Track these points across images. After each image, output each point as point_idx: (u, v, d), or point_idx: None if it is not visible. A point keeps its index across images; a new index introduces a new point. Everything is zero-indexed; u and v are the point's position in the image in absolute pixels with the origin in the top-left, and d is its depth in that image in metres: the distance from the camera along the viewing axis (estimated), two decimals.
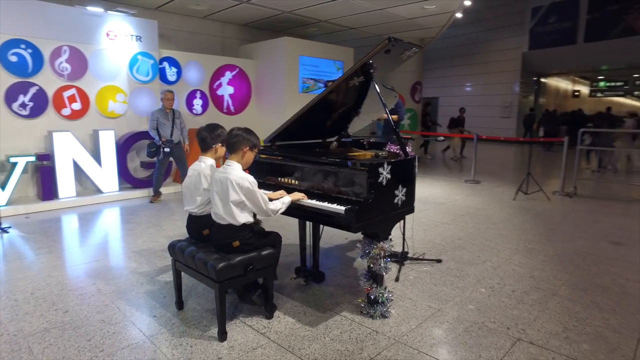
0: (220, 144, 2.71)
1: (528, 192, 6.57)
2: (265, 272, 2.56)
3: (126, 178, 6.42)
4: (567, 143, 6.82)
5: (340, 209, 2.42)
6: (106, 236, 4.47)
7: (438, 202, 6.15)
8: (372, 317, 2.68)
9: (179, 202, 5.98)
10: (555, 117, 16.27)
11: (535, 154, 10.44)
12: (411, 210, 2.83)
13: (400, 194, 2.66)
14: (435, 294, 3.05)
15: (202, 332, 2.49)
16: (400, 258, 3.64)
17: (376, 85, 2.97)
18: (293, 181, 2.91)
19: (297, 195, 2.59)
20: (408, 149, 2.90)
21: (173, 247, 2.65)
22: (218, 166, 2.76)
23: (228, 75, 8.32)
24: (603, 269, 3.58)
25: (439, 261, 3.72)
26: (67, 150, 5.74)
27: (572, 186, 6.76)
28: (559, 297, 3.01)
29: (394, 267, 3.45)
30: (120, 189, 6.29)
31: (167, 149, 5.75)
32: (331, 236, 4.33)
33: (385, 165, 2.50)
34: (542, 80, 21.15)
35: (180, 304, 2.75)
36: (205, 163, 2.67)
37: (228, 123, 8.07)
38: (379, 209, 2.51)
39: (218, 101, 8.21)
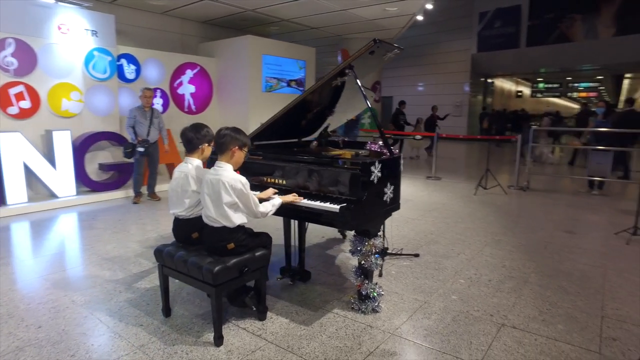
0: (206, 144, 2.64)
1: (487, 187, 6.94)
2: (258, 273, 2.53)
3: (84, 181, 6.05)
4: (520, 141, 7.27)
5: (335, 207, 2.45)
6: (70, 244, 4.20)
7: (407, 198, 6.35)
8: (364, 312, 2.73)
9: (145, 206, 5.73)
10: (505, 115, 17.25)
11: (488, 150, 11.08)
12: (397, 207, 2.91)
13: (388, 191, 2.73)
14: (419, 287, 3.16)
15: (196, 338, 2.42)
16: (381, 254, 3.73)
17: (361, 86, 3.02)
18: (280, 181, 2.90)
19: (289, 198, 2.58)
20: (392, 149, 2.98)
21: (160, 252, 2.56)
22: (204, 167, 2.70)
23: (189, 73, 8.07)
24: (563, 256, 3.87)
25: (416, 255, 3.85)
26: (16, 152, 5.32)
27: (525, 180, 7.22)
28: (531, 284, 3.23)
29: None
30: (78, 193, 5.92)
31: (141, 149, 5.51)
32: (308, 234, 4.34)
33: (377, 164, 2.56)
34: (489, 80, 22.36)
35: (167, 311, 2.66)
36: (191, 164, 2.59)
37: (189, 123, 7.88)
38: (371, 207, 2.56)
39: (179, 100, 7.95)
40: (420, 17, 8.31)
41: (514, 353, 2.30)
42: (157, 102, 7.51)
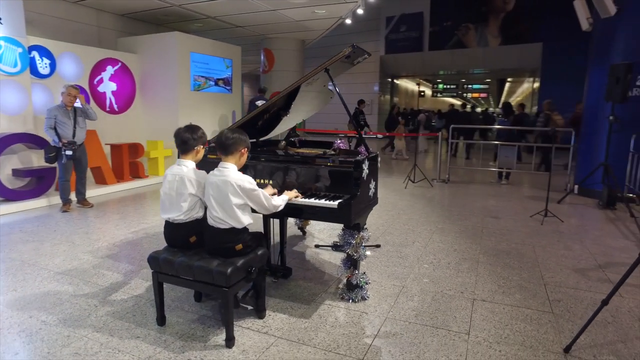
0: (201, 146, 2.60)
1: (415, 181, 7.59)
2: (260, 272, 2.57)
3: None
4: (441, 137, 8.07)
5: (333, 204, 2.60)
6: (7, 261, 3.70)
7: None
8: (354, 301, 2.92)
9: (78, 214, 5.22)
10: (415, 114, 18.68)
11: (416, 146, 11.94)
12: (377, 201, 3.15)
13: (372, 187, 2.95)
14: (392, 274, 3.45)
15: (203, 342, 2.39)
16: None
17: (336, 89, 3.19)
18: (268, 181, 2.95)
19: (292, 194, 2.66)
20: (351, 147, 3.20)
21: (156, 260, 2.45)
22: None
23: (110, 70, 7.46)
24: (498, 238, 4.48)
25: (378, 246, 4.14)
26: None
27: (447, 174, 8.04)
28: (482, 264, 3.71)
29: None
30: None
31: (69, 152, 4.99)
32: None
33: (366, 161, 2.76)
34: (396, 81, 24.04)
35: (162, 320, 2.56)
36: (187, 167, 2.53)
37: (113, 122, 7.31)
38: (363, 202, 2.76)
39: (100, 99, 7.31)
40: (348, 21, 8.72)
41: (491, 321, 2.68)
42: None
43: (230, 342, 2.33)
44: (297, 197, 2.68)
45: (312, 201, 2.68)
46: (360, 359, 2.25)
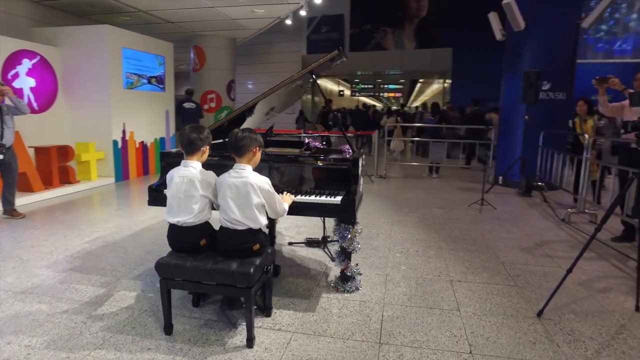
0: (207, 147, 2.56)
1: None
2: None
3: None
4: (377, 135, 8.56)
5: (336, 200, 2.74)
6: None
7: None
8: (349, 291, 3.09)
9: (8, 226, 4.64)
10: (344, 113, 19.30)
11: (361, 144, 12.32)
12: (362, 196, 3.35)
13: (361, 182, 3.14)
14: (373, 264, 3.68)
15: (222, 346, 2.38)
16: (323, 242, 4.11)
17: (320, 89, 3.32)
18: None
19: (288, 199, 2.70)
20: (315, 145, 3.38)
21: (165, 266, 2.37)
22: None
23: (27, 63, 6.66)
24: (450, 226, 4.97)
25: None
26: None
27: (383, 170, 8.56)
28: (445, 249, 4.12)
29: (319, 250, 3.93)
30: None
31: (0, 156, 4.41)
32: None
33: (360, 160, 2.94)
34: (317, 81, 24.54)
35: (170, 328, 2.48)
36: (195, 168, 2.47)
37: (35, 123, 6.63)
38: (359, 197, 2.94)
39: (16, 96, 6.48)
40: (289, 22, 8.80)
41: (472, 297, 3.04)
42: None
43: (251, 342, 2.35)
44: (292, 200, 2.75)
45: (313, 199, 2.78)
46: (378, 342, 2.43)
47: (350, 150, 3.29)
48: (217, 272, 2.31)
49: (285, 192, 2.80)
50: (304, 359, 2.26)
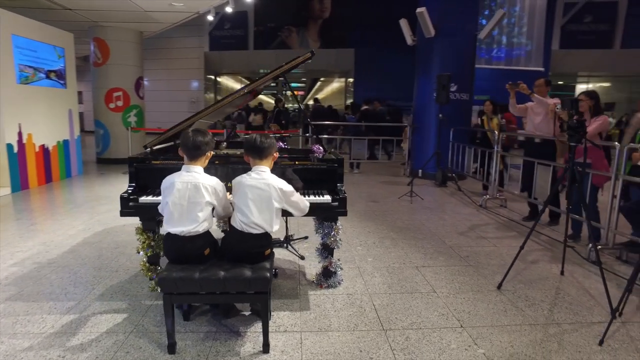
0: (210, 152, 2.45)
1: None
2: None
3: None
4: (302, 132, 8.73)
5: (327, 199, 2.84)
6: None
7: None
8: (332, 286, 3.21)
9: None
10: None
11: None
12: None
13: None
14: (341, 259, 3.81)
15: (236, 356, 2.31)
16: (287, 241, 4.14)
17: (292, 90, 3.36)
18: None
19: None
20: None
21: (169, 280, 2.22)
22: None
23: None
24: (391, 217, 5.36)
25: (306, 238, 4.45)
26: None
27: None
28: (397, 239, 4.46)
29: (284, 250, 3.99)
30: None
31: None
32: None
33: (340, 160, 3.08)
34: (218, 79, 23.83)
35: (173, 347, 2.32)
36: (199, 173, 2.35)
37: None
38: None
39: None
40: (210, 17, 8.42)
41: (441, 280, 3.38)
42: None
43: (267, 347, 2.33)
44: None
45: (311, 199, 2.83)
46: (382, 329, 2.60)
47: (322, 150, 3.40)
48: (231, 280, 2.24)
49: None
50: (323, 355, 2.33)
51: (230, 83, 26.52)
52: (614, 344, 2.48)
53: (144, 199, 2.78)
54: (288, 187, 2.43)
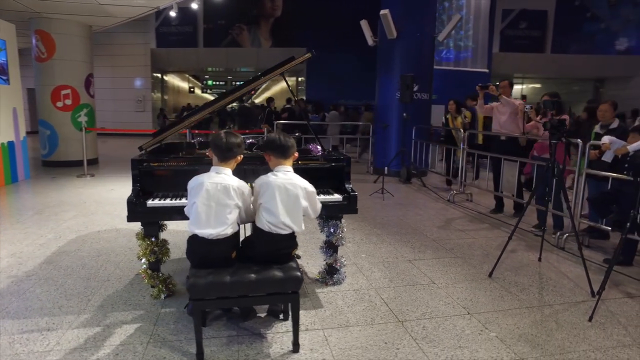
0: (241, 155, 2.41)
1: None
2: None
3: None
4: (266, 132, 8.66)
5: (338, 197, 2.91)
6: None
7: None
8: (338, 283, 3.28)
9: None
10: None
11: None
12: None
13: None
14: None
15: (267, 357, 2.31)
16: None
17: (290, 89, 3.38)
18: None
19: None
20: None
21: (198, 286, 2.16)
22: None
23: None
24: (370, 215, 5.52)
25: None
26: None
27: None
28: (382, 235, 4.61)
29: None
30: None
31: None
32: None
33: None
34: (165, 77, 22.87)
35: (201, 355, 2.26)
36: (228, 174, 2.31)
37: None
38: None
39: None
40: (173, 13, 8.07)
41: (435, 271, 3.57)
42: None
43: (297, 346, 2.35)
44: None
45: (323, 198, 2.88)
46: (398, 321, 2.71)
47: (320, 149, 3.45)
48: (263, 282, 2.24)
49: None
50: (352, 349, 2.39)
51: (177, 81, 25.56)
52: (600, 319, 2.78)
53: (151, 202, 2.68)
54: (311, 187, 2.46)
